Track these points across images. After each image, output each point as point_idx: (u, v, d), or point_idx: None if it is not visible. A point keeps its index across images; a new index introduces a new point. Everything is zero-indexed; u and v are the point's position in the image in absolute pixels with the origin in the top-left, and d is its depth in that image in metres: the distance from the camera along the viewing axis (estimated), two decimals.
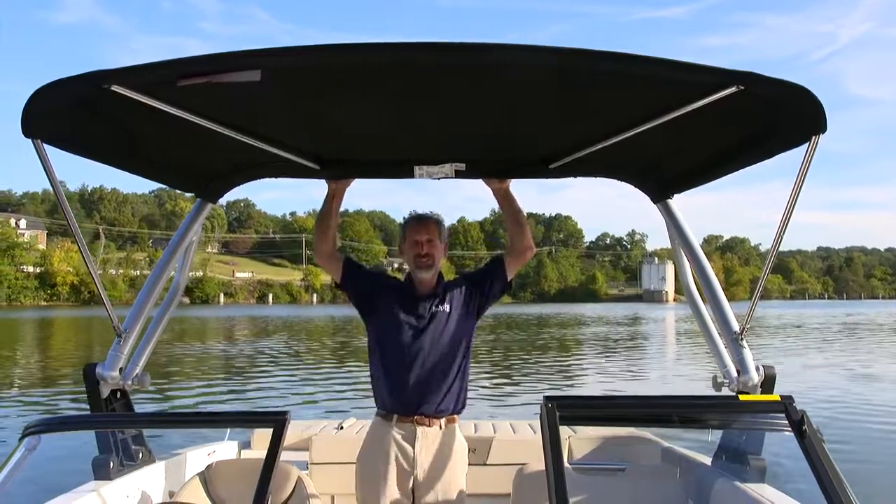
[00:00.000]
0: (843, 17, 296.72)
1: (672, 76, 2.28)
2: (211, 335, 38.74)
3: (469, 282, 3.46)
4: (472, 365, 3.43)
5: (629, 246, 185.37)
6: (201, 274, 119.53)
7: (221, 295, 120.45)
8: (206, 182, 3.65)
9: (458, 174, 3.51)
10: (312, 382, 18.13)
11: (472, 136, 3.23)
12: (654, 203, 3.63)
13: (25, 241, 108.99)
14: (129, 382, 3.49)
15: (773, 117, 2.52)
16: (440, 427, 3.25)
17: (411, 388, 3.21)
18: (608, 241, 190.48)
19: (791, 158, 2.59)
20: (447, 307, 3.32)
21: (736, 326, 3.32)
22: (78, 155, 2.86)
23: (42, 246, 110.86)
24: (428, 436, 3.22)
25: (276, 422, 2.45)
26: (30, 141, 2.54)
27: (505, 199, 3.51)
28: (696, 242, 3.55)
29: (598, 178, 3.74)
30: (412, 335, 3.25)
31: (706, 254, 3.55)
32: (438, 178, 3.55)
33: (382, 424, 3.28)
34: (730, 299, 3.41)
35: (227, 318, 62.81)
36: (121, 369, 3.44)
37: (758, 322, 45.04)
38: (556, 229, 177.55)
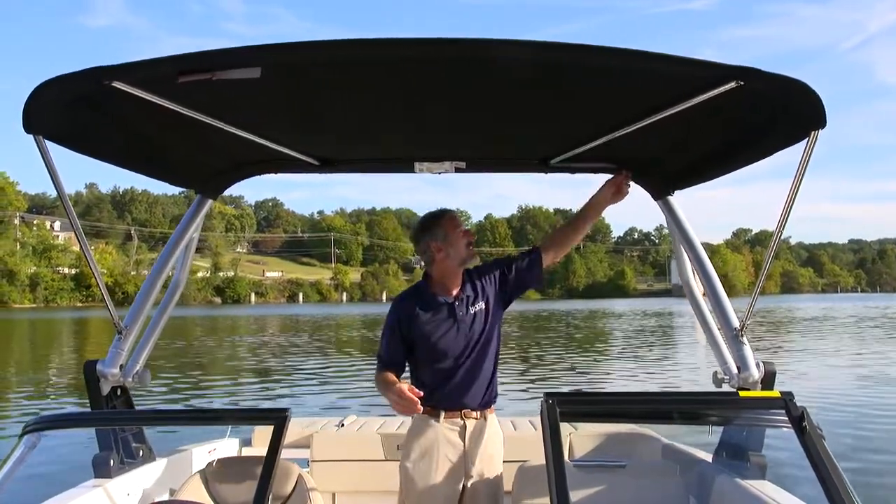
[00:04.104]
0: (872, 6, 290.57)
1: (671, 71, 2.26)
2: (243, 332, 39.23)
3: (500, 271, 3.33)
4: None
5: (657, 241, 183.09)
6: (232, 274, 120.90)
7: (252, 295, 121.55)
8: (207, 178, 3.67)
9: (458, 170, 3.51)
10: (340, 378, 18.25)
11: (472, 132, 3.22)
12: (655, 200, 3.61)
13: (60, 243, 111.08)
14: (130, 379, 3.53)
15: (772, 113, 2.49)
16: (485, 418, 3.24)
17: (454, 386, 3.18)
18: (636, 237, 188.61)
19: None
20: (479, 300, 3.24)
21: (736, 323, 3.32)
22: (78, 152, 2.87)
23: (76, 248, 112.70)
24: (475, 427, 3.21)
25: (277, 419, 2.47)
26: (38, 139, 2.56)
27: (599, 213, 3.49)
28: (697, 239, 3.54)
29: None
30: (449, 334, 3.18)
31: (735, 248, 3.54)
32: (439, 174, 3.54)
33: (426, 420, 3.21)
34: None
35: (260, 316, 63.40)
36: (121, 366, 3.47)
37: (783, 315, 44.25)
38: None
